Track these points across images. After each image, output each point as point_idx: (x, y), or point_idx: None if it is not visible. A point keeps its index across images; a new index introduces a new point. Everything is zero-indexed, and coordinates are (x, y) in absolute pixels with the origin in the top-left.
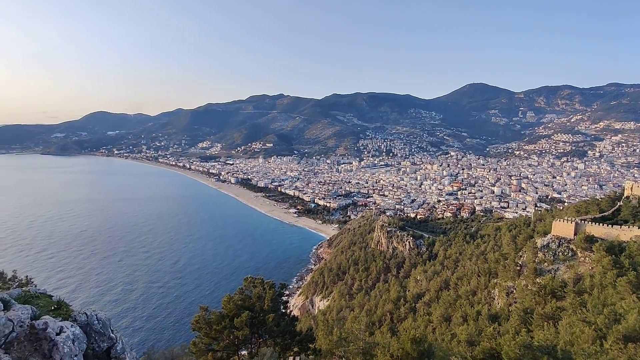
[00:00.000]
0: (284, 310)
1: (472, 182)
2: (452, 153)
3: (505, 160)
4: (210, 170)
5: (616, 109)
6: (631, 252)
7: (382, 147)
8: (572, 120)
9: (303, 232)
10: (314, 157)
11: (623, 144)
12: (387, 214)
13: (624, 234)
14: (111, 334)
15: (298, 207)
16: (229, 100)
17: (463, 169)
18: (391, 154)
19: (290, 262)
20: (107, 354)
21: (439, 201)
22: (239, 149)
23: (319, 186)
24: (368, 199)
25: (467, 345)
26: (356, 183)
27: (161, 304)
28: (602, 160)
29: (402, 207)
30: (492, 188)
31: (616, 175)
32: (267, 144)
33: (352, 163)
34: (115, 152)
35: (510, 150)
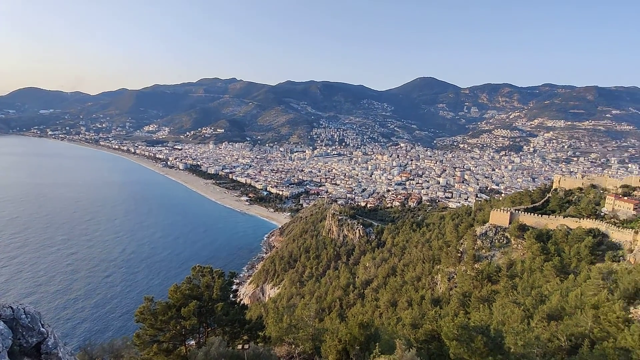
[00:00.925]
0: (233, 299)
1: (420, 172)
2: (402, 144)
3: (450, 152)
4: (157, 155)
5: (549, 108)
6: (557, 239)
7: (335, 136)
8: (511, 116)
9: (255, 220)
10: (267, 145)
11: (554, 141)
12: (339, 202)
13: (552, 222)
14: (41, 329)
15: (250, 195)
16: (178, 83)
17: (412, 160)
18: (344, 144)
19: (242, 251)
20: (36, 349)
21: (389, 191)
22: (188, 133)
23: (272, 174)
24: (320, 188)
25: (411, 328)
26: (309, 172)
27: (107, 295)
28: (535, 155)
29: (353, 196)
30: (438, 179)
31: (547, 169)
32: (219, 130)
33: (305, 151)
34: (50, 133)
35: (455, 143)
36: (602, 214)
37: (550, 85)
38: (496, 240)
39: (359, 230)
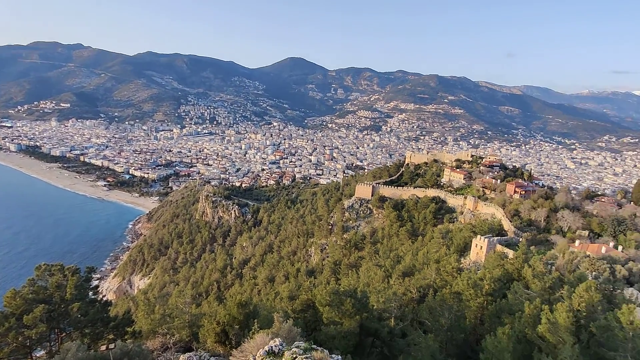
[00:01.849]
0: (93, 297)
1: (293, 151)
2: (275, 123)
3: (320, 131)
4: None
5: (402, 92)
6: (409, 207)
7: (206, 114)
8: (372, 99)
9: (116, 207)
10: (127, 122)
11: (406, 122)
12: (212, 183)
13: (405, 193)
14: None
15: (109, 179)
16: (2, 44)
17: (285, 139)
18: (215, 122)
19: (103, 242)
20: None
21: (263, 170)
22: (20, 108)
23: (135, 155)
24: (192, 169)
25: (288, 301)
26: (178, 152)
27: None
28: (392, 134)
29: (228, 176)
30: (310, 157)
31: (400, 146)
32: (63, 104)
33: (172, 130)
34: None
35: (324, 123)
36: (441, 183)
37: (402, 72)
38: (361, 212)
39: (235, 210)
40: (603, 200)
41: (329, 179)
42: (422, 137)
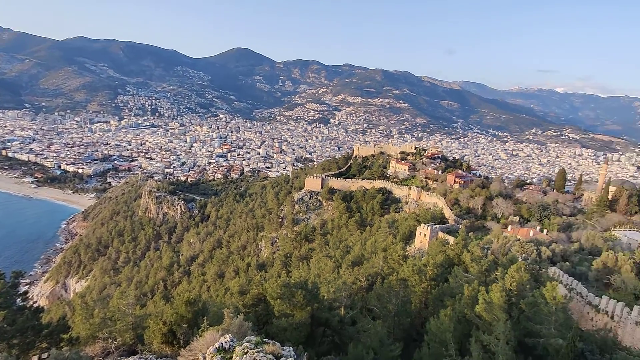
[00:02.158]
0: (22, 304)
1: (241, 144)
2: (222, 115)
3: (269, 124)
4: None
5: (349, 86)
6: (357, 198)
7: (147, 105)
8: (320, 92)
9: (47, 205)
10: (57, 113)
11: (354, 115)
12: (156, 178)
13: (353, 185)
14: None
15: (37, 175)
16: None
17: (232, 132)
18: (157, 114)
19: (33, 244)
20: None
21: (210, 163)
22: None
23: (67, 149)
24: (132, 163)
25: (239, 296)
26: (116, 145)
27: None
28: (340, 126)
29: (172, 170)
30: (259, 150)
31: (349, 139)
32: None
33: (109, 122)
34: None
35: (273, 115)
36: (388, 175)
37: (349, 66)
38: (311, 204)
39: (181, 206)
40: (531, 188)
41: (278, 172)
42: (369, 130)
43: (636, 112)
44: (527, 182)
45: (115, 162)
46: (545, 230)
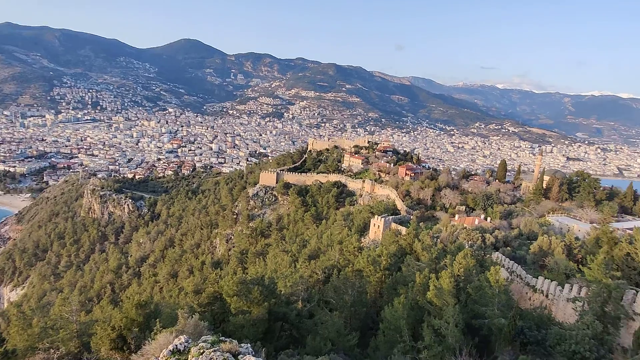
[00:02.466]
0: None
1: (192, 139)
2: (171, 109)
3: (221, 118)
4: None
5: (303, 80)
6: (313, 192)
7: (87, 98)
8: (273, 85)
9: None
10: None
11: (307, 109)
12: (99, 176)
13: (309, 179)
14: None
15: None
16: None
17: (182, 126)
18: (99, 108)
19: None
20: None
21: (159, 159)
22: None
23: None
24: (72, 160)
25: (194, 295)
26: (54, 141)
27: None
28: (294, 121)
29: (118, 167)
30: (211, 145)
31: (303, 133)
32: None
33: (45, 116)
34: None
35: (225, 110)
36: (342, 168)
37: (302, 60)
38: (266, 199)
39: (128, 204)
40: (475, 179)
41: (231, 167)
42: (323, 124)
43: (566, 107)
44: (472, 173)
45: (53, 159)
46: (489, 218)
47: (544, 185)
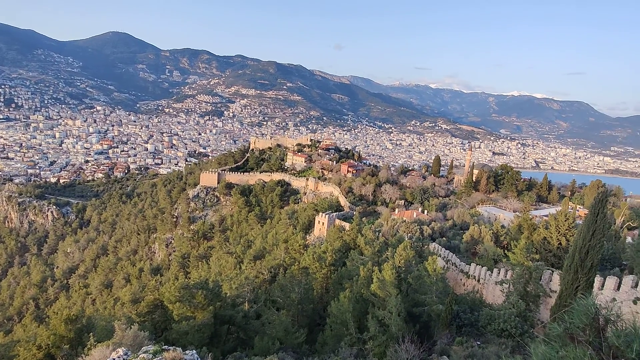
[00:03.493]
0: None
1: (125, 139)
2: (99, 107)
3: (156, 117)
4: None
5: (243, 77)
6: (256, 192)
7: None
8: (212, 83)
9: None
10: None
11: (248, 107)
12: (17, 181)
13: (252, 178)
14: None
15: None
16: None
17: (113, 126)
18: (14, 105)
19: None
20: None
21: (87, 161)
22: None
23: None
24: None
25: (131, 305)
26: None
27: None
28: (235, 119)
29: (38, 171)
30: (146, 145)
31: (244, 132)
32: None
33: None
34: None
35: (160, 108)
36: (285, 167)
37: (242, 57)
38: (208, 200)
39: (52, 211)
40: (413, 174)
41: (169, 168)
42: (265, 123)
43: (491, 106)
44: (410, 169)
45: None
46: (425, 211)
47: (474, 179)
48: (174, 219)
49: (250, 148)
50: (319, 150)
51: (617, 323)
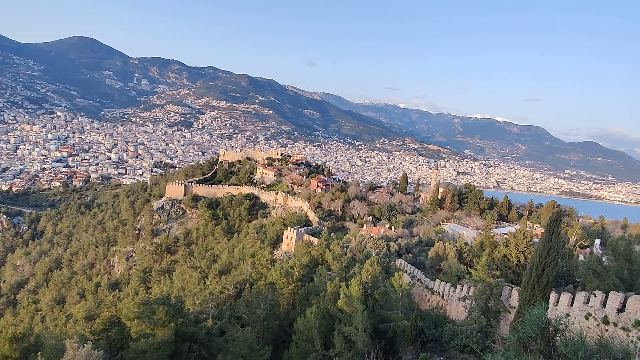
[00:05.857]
0: None
1: (86, 147)
2: (60, 113)
3: (122, 125)
4: None
5: (214, 89)
6: (224, 205)
7: None
8: (181, 93)
9: None
10: None
11: (218, 119)
12: None
13: (219, 191)
14: None
15: None
16: None
17: (74, 133)
18: None
19: None
20: None
21: (44, 169)
22: None
23: None
24: None
25: (85, 322)
26: None
27: None
28: (204, 131)
29: None
30: (109, 154)
31: (214, 144)
32: None
33: None
34: None
35: (126, 116)
36: (255, 180)
37: (213, 69)
38: (173, 213)
39: (2, 221)
40: (381, 191)
41: (134, 178)
42: (235, 135)
43: (456, 127)
44: (378, 185)
45: None
46: (393, 227)
47: (439, 197)
48: (136, 232)
49: (219, 160)
50: (289, 165)
51: (565, 333)
